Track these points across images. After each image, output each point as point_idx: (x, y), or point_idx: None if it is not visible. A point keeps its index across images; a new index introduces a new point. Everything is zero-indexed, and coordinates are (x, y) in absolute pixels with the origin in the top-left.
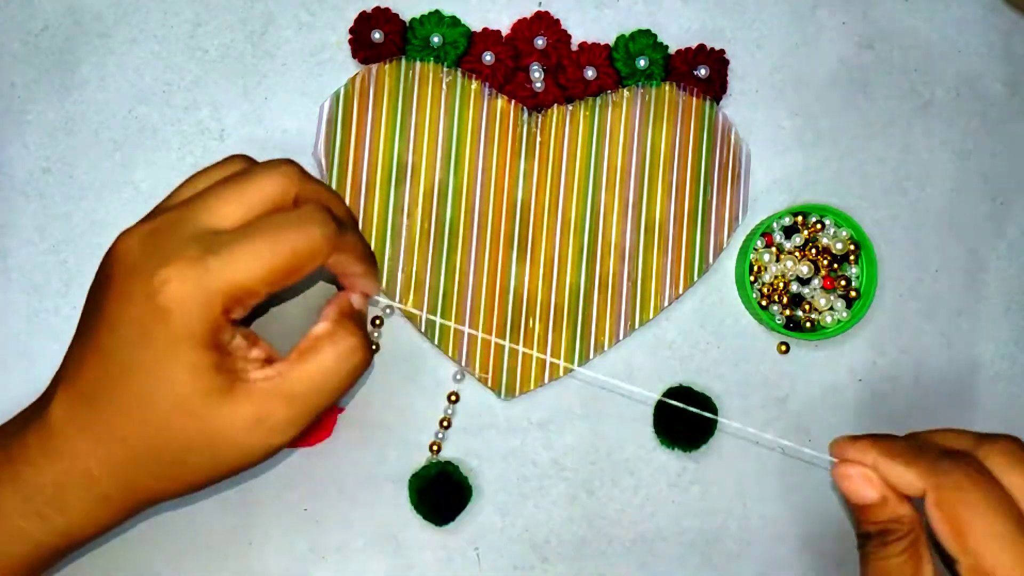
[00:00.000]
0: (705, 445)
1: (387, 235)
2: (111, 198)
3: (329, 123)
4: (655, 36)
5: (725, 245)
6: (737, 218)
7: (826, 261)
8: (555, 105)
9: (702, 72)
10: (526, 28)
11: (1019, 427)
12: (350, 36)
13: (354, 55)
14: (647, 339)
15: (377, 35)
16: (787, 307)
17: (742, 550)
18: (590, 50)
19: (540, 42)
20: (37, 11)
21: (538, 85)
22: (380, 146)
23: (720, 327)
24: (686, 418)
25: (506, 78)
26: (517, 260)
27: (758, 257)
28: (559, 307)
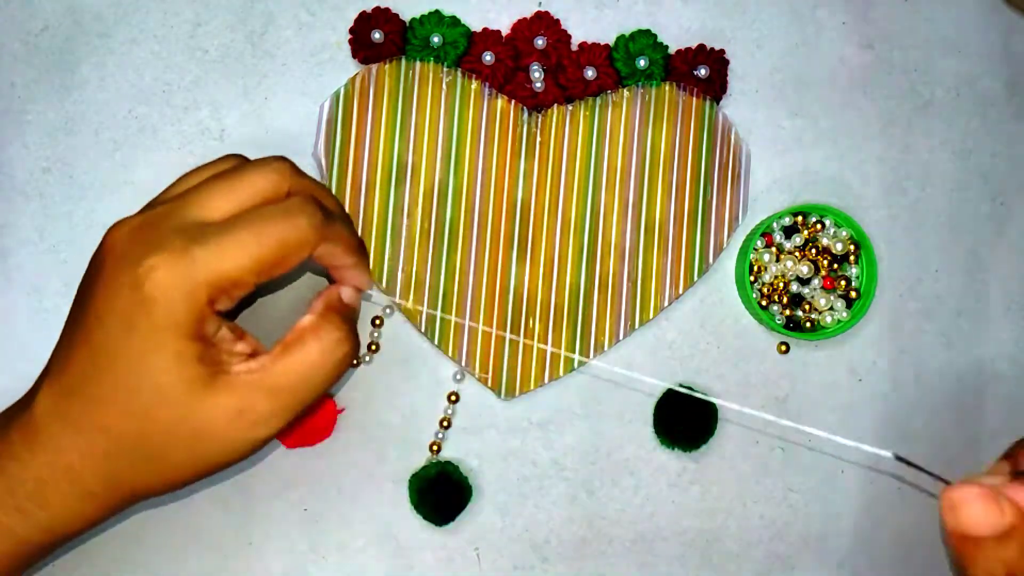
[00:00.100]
0: (705, 445)
1: (387, 235)
2: (111, 198)
3: (329, 123)
4: (655, 36)
5: (725, 245)
6: (737, 218)
7: (826, 261)
8: (555, 105)
9: (702, 72)
10: (526, 28)
11: (1019, 428)
12: (350, 36)
13: (354, 55)
14: (647, 339)
15: (377, 35)
16: (787, 307)
17: (742, 550)
18: (590, 50)
19: (540, 42)
20: (37, 11)
21: (538, 85)
22: (380, 146)
23: (720, 327)
24: (686, 418)
25: (506, 78)
26: (517, 260)
27: (758, 257)
28: (559, 307)
